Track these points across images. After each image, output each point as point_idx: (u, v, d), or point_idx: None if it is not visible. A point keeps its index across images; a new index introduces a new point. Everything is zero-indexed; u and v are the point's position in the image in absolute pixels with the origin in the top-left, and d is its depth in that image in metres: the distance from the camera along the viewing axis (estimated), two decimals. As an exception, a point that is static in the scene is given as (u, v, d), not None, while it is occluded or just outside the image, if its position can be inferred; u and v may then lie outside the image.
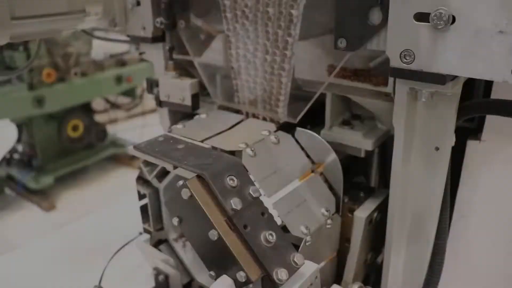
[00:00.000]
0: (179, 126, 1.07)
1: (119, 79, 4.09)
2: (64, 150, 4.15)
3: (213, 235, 0.77)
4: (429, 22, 0.76)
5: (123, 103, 4.78)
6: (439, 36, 0.77)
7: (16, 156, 4.21)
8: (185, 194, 0.79)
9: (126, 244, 1.45)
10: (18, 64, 3.60)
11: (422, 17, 0.78)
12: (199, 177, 0.81)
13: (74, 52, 3.86)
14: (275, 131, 1.04)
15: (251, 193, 0.82)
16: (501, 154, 1.08)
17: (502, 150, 1.08)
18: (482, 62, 0.74)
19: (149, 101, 4.59)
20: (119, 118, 5.00)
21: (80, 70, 3.91)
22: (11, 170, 4.12)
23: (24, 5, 1.06)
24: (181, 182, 0.81)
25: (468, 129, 1.12)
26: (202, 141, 1.00)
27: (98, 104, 4.60)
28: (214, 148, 0.97)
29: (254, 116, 1.17)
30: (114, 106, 4.71)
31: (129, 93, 4.53)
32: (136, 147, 0.99)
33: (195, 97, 1.19)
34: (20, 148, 4.20)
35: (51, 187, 4.01)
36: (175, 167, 0.90)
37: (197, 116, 1.15)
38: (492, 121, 1.02)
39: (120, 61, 4.19)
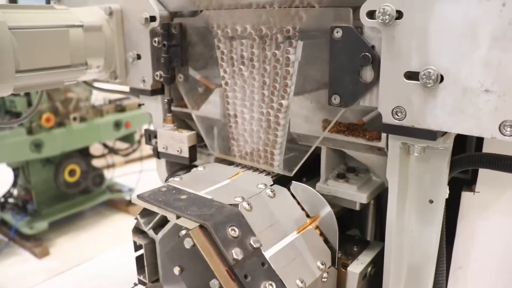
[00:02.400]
0: (176, 179, 1.08)
1: (118, 125, 4.13)
2: (60, 195, 4.13)
3: (214, 284, 0.79)
4: (418, 80, 0.79)
5: (121, 148, 4.80)
6: (428, 94, 0.80)
7: (10, 200, 4.18)
8: (187, 243, 0.82)
9: (121, 295, 1.42)
10: (18, 109, 3.65)
11: (412, 75, 0.81)
12: (201, 227, 0.83)
13: (74, 98, 3.92)
14: (271, 185, 1.05)
15: (252, 243, 0.85)
16: (496, 205, 1.09)
17: (497, 201, 1.09)
18: (471, 119, 0.76)
19: (147, 146, 4.61)
20: (117, 163, 5.01)
21: (79, 115, 3.95)
22: (4, 214, 4.07)
23: (29, 59, 1.10)
24: (183, 232, 0.82)
25: (463, 180, 1.13)
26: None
27: (96, 149, 4.62)
28: (213, 199, 0.98)
29: (250, 168, 1.19)
30: (112, 151, 4.72)
31: (127, 138, 4.56)
32: (140, 196, 1.00)
33: (192, 149, 1.21)
34: (15, 192, 4.18)
35: (45, 232, 3.95)
36: (178, 217, 0.91)
37: (194, 169, 1.17)
38: (485, 172, 1.04)
39: (119, 107, 4.24)
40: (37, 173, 3.98)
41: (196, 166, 1.21)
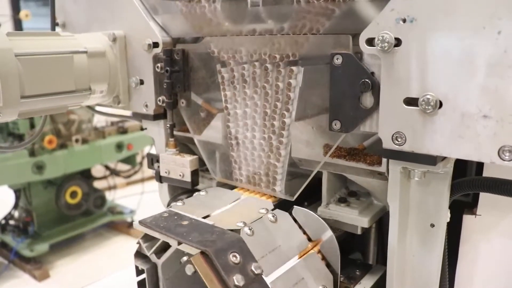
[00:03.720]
0: (179, 203, 1.09)
1: (119, 147, 4.15)
2: (61, 217, 4.13)
3: (216, 310, 0.78)
4: (418, 106, 0.81)
5: (122, 170, 4.82)
6: (428, 120, 0.81)
7: (11, 222, 4.17)
8: (189, 270, 0.82)
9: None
10: (21, 131, 3.67)
11: (411, 101, 0.82)
12: (203, 253, 0.83)
13: (76, 120, 3.95)
14: (273, 209, 1.05)
15: (253, 269, 0.84)
16: (498, 228, 1.09)
17: (498, 224, 1.09)
18: (470, 144, 0.77)
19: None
20: (118, 184, 5.01)
21: (82, 137, 3.97)
22: (5, 236, 4.06)
23: (34, 84, 1.11)
24: (185, 258, 0.82)
25: (464, 202, 1.14)
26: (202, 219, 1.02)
27: (97, 170, 4.63)
28: (214, 225, 0.98)
29: (252, 192, 1.19)
30: (114, 172, 4.74)
31: (129, 160, 4.58)
32: (142, 222, 1.00)
33: (194, 174, 1.22)
34: (16, 214, 4.17)
35: (46, 255, 3.94)
36: (179, 243, 0.91)
37: (196, 194, 1.17)
38: (487, 195, 1.05)
39: (121, 129, 4.27)
40: (38, 195, 3.99)
41: (198, 190, 1.22)
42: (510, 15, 0.70)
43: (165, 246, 1.09)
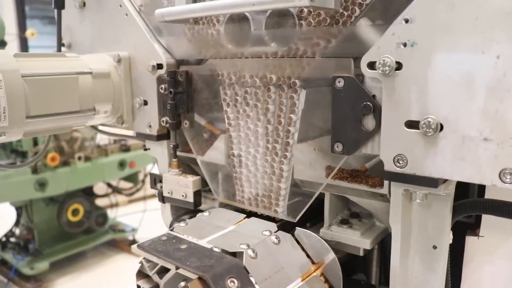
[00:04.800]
0: (182, 224, 1.09)
1: (122, 164, 4.16)
2: (62, 234, 4.11)
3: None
4: (419, 129, 0.82)
5: (124, 188, 4.81)
6: (429, 143, 0.81)
7: (12, 239, 4.16)
8: None
9: None
10: (24, 148, 3.69)
11: (412, 124, 0.83)
12: (200, 279, 0.83)
13: (79, 137, 3.97)
14: (276, 231, 1.05)
15: (252, 295, 0.83)
16: (502, 250, 1.08)
17: (501, 245, 1.08)
18: (471, 167, 0.78)
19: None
20: (120, 202, 5.01)
21: (84, 154, 3.98)
22: (5, 254, 4.04)
23: (39, 105, 1.13)
24: (182, 284, 0.82)
25: (467, 223, 1.13)
26: (204, 241, 1.02)
27: (99, 188, 4.63)
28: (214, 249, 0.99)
29: (255, 214, 1.20)
30: (116, 190, 4.73)
31: (131, 178, 4.58)
32: (140, 246, 1.00)
33: (197, 194, 1.22)
34: (17, 231, 4.16)
35: (46, 273, 3.91)
36: (177, 268, 0.91)
37: (199, 214, 1.18)
38: (489, 216, 1.04)
39: (123, 146, 4.29)
40: (40, 212, 3.98)
41: (201, 210, 1.22)
42: (508, 40, 0.71)
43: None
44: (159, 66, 1.27)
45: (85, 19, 1.50)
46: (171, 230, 1.09)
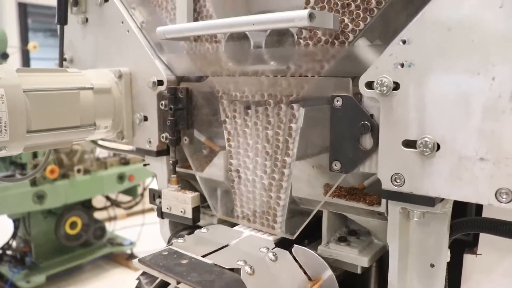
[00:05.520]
0: (180, 240, 1.09)
1: (121, 178, 4.15)
2: (60, 248, 4.08)
3: None
4: (416, 148, 0.83)
5: (123, 201, 4.80)
6: (426, 162, 0.82)
7: (9, 252, 4.12)
8: None
9: None
10: (23, 160, 3.69)
11: (409, 144, 0.84)
12: (201, 293, 0.83)
13: (79, 150, 3.96)
14: (273, 248, 1.06)
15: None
16: (500, 268, 1.08)
17: (499, 263, 1.08)
18: (467, 186, 0.79)
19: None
20: (119, 215, 4.99)
21: (84, 167, 3.98)
22: (1, 267, 4.00)
23: (40, 119, 1.14)
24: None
25: (465, 241, 1.14)
26: (202, 257, 1.02)
27: (98, 201, 4.62)
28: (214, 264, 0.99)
29: (253, 230, 1.20)
30: (115, 203, 4.72)
31: (130, 191, 4.57)
32: (141, 260, 1.01)
33: (196, 210, 1.22)
34: (14, 244, 4.13)
35: (42, 286, 3.88)
36: (178, 282, 0.91)
37: (197, 231, 1.18)
38: (487, 234, 1.05)
39: (123, 160, 4.28)
40: (38, 225, 3.96)
41: (199, 226, 1.22)
42: (503, 62, 0.72)
43: (165, 283, 1.09)
44: (160, 83, 1.29)
45: (88, 35, 1.52)
46: (170, 245, 1.09)
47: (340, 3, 0.94)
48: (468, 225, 0.96)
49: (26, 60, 7.49)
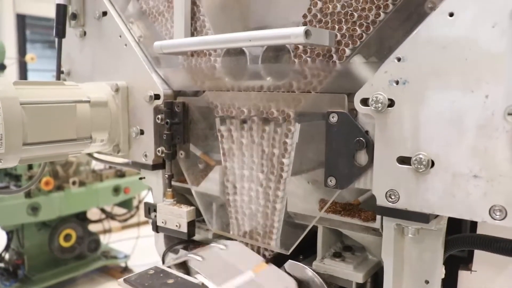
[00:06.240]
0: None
1: (117, 190, 4.13)
2: (53, 260, 4.04)
3: None
4: (410, 165, 0.83)
5: (118, 214, 4.77)
6: (420, 179, 0.83)
7: (1, 265, 4.07)
8: None
9: None
10: (18, 172, 3.66)
11: (404, 160, 0.85)
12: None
13: (74, 162, 3.95)
14: (267, 262, 1.05)
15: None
16: (495, 284, 1.08)
17: (494, 280, 1.08)
18: (461, 203, 0.79)
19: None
20: (113, 228, 4.95)
21: (79, 179, 3.96)
22: (-7, 280, 3.96)
23: (37, 132, 1.14)
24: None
25: (460, 257, 1.13)
26: None
27: (93, 213, 4.59)
28: (203, 285, 0.98)
29: (248, 245, 1.20)
30: (109, 216, 4.69)
31: (125, 203, 4.54)
32: (126, 280, 1.00)
33: (191, 225, 1.22)
34: (6, 256, 4.08)
35: (34, 300, 3.83)
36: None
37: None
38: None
39: (119, 172, 4.26)
40: (31, 237, 3.91)
41: (194, 241, 1.22)
42: (496, 80, 0.73)
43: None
44: (157, 97, 1.29)
45: (85, 48, 1.53)
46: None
47: (337, 20, 0.95)
48: (462, 242, 0.96)
49: (23, 71, 7.50)
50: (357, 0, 0.91)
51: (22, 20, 7.76)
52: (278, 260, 1.09)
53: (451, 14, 0.77)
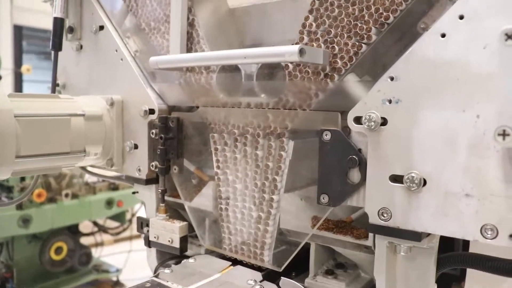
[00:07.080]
0: (167, 271, 1.08)
1: (110, 203, 4.09)
2: (43, 274, 3.97)
3: None
4: (403, 183, 0.83)
5: (110, 227, 4.72)
6: (412, 197, 0.83)
7: (-11, 278, 4.01)
8: None
9: None
10: (10, 183, 3.63)
11: (397, 178, 0.85)
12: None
13: (68, 174, 3.92)
14: (261, 281, 1.05)
15: None
16: (487, 303, 1.08)
17: (487, 298, 1.08)
18: (453, 222, 0.80)
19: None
20: (105, 241, 4.90)
21: (72, 191, 3.92)
22: (-21, 294, 3.89)
23: (30, 145, 1.13)
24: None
25: (452, 275, 1.13)
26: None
27: (85, 226, 4.54)
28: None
29: (240, 262, 1.19)
30: (102, 229, 4.64)
31: (118, 217, 4.50)
32: (123, 292, 0.99)
33: (183, 240, 1.22)
34: (-5, 269, 4.02)
35: (23, 315, 3.77)
36: (158, 316, 0.90)
37: (185, 261, 1.17)
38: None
39: (112, 185, 4.24)
40: (21, 250, 3.85)
41: (187, 256, 1.21)
42: (487, 100, 0.74)
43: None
44: (151, 111, 1.30)
45: (81, 62, 1.54)
46: (156, 276, 1.08)
47: (330, 41, 0.96)
48: (454, 260, 0.96)
49: (19, 82, 7.49)
50: (349, 20, 0.92)
51: (19, 31, 7.77)
52: (270, 276, 1.08)
53: (443, 35, 0.78)
